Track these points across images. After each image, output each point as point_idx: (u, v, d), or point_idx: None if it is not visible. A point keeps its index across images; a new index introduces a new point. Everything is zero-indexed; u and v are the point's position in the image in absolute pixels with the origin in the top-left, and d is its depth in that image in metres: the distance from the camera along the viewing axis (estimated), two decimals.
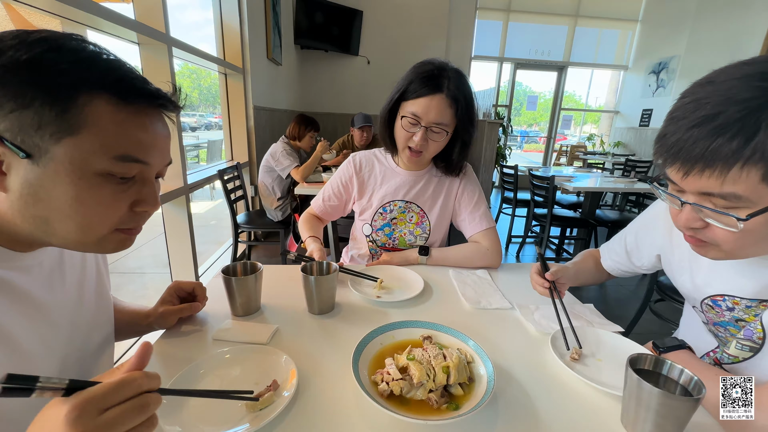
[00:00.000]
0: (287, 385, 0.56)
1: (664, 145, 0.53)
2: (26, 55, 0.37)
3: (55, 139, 0.39)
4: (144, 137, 0.45)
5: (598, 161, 5.58)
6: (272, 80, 3.55)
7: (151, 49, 1.80)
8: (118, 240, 0.48)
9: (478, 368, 0.60)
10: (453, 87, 0.94)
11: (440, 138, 0.98)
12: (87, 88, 0.40)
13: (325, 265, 0.84)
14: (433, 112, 0.94)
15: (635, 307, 2.03)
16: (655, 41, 6.02)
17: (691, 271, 0.74)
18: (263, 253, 3.18)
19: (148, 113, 0.45)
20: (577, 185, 2.92)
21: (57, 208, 0.42)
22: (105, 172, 0.42)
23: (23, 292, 0.48)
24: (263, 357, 0.63)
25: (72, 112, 0.39)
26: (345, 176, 1.17)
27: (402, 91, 0.98)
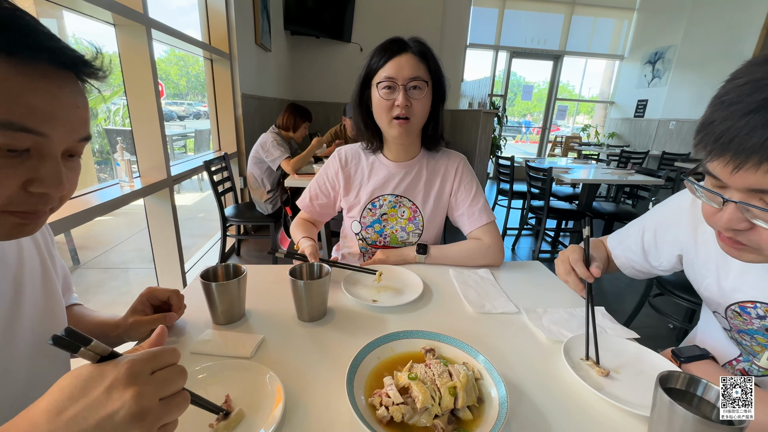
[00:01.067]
0: (273, 408, 0.49)
1: (711, 134, 0.45)
2: None
3: None
4: (40, 103, 0.36)
5: (592, 152, 5.55)
6: (261, 67, 3.41)
7: (129, 31, 1.67)
8: (10, 224, 0.39)
9: (487, 387, 0.54)
10: (415, 46, 0.93)
11: (421, 94, 0.93)
12: None
13: (317, 267, 0.77)
14: (406, 68, 0.91)
15: (633, 301, 2.01)
16: (652, 31, 5.97)
17: (717, 275, 0.68)
18: (253, 247, 3.09)
19: (47, 74, 0.36)
20: (574, 177, 2.87)
21: None
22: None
23: None
24: (245, 375, 0.56)
25: None
26: (331, 172, 1.10)
27: (367, 70, 0.96)
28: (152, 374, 0.34)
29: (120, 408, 0.31)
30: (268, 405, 0.50)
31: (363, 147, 1.09)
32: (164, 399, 0.34)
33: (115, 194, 1.54)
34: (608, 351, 0.66)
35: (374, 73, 0.94)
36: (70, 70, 0.38)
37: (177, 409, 0.35)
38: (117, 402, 0.31)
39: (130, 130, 1.81)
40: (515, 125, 11.22)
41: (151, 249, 1.99)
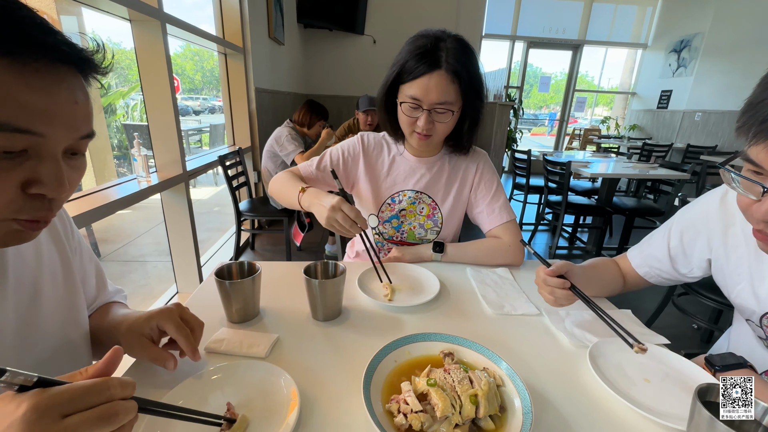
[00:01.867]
0: (288, 414, 0.48)
1: (757, 115, 0.42)
2: None
3: None
4: (34, 101, 0.34)
5: (612, 145, 5.38)
6: (274, 61, 3.40)
7: (144, 26, 1.68)
8: (11, 231, 0.38)
9: (510, 395, 0.51)
10: (452, 60, 0.83)
11: (446, 119, 0.88)
12: None
13: (332, 265, 0.75)
14: (434, 92, 0.84)
15: (655, 300, 1.94)
16: (677, 17, 5.70)
17: (751, 280, 0.64)
18: (267, 241, 3.11)
19: (41, 71, 0.34)
20: (593, 171, 2.78)
21: None
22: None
23: None
24: (260, 377, 0.54)
25: None
26: (351, 152, 1.05)
27: (397, 72, 0.88)
28: (63, 418, 0.29)
29: None
30: (282, 410, 0.49)
31: (387, 136, 1.06)
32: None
33: (133, 189, 1.56)
34: (637, 357, 0.63)
35: (403, 81, 0.88)
36: (68, 65, 0.36)
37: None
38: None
39: (147, 125, 1.83)
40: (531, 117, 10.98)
41: (168, 243, 2.02)
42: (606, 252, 3.12)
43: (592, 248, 3.13)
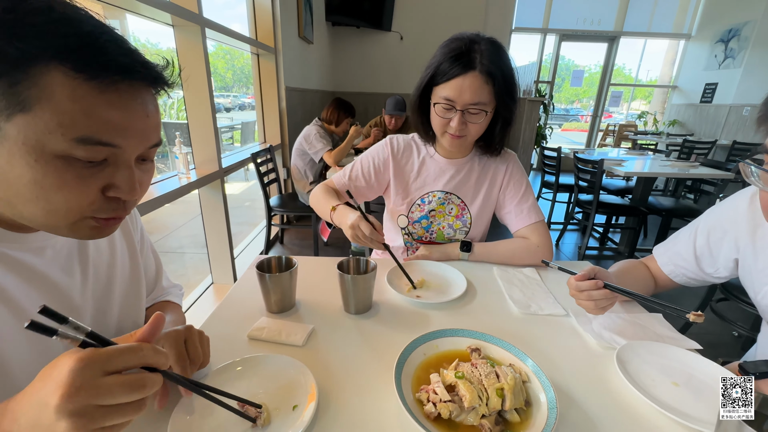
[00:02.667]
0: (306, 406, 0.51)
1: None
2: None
3: (6, 115, 0.35)
4: (113, 117, 0.38)
5: (650, 142, 5.12)
6: (303, 60, 3.48)
7: (185, 31, 1.77)
8: (90, 227, 0.42)
9: (535, 391, 0.53)
10: (486, 61, 0.84)
11: (479, 119, 0.89)
12: (41, 58, 0.34)
13: (363, 262, 0.79)
14: (468, 92, 0.85)
15: (691, 305, 1.86)
16: (726, 5, 5.32)
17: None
18: (295, 236, 3.21)
19: (118, 89, 0.38)
20: (628, 170, 2.68)
21: (17, 191, 0.38)
22: (66, 154, 0.37)
23: (38, 272, 0.46)
24: (282, 371, 0.57)
25: (23, 85, 0.34)
26: (379, 158, 1.07)
27: (431, 75, 0.90)
28: (104, 376, 0.32)
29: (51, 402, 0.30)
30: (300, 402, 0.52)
31: (416, 138, 1.08)
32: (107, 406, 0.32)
33: (175, 185, 1.67)
34: (667, 362, 0.63)
35: (437, 83, 0.90)
36: (142, 81, 0.41)
37: (121, 417, 0.33)
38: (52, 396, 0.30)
39: (185, 123, 1.94)
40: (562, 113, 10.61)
41: (204, 236, 2.13)
42: (639, 254, 3.00)
43: (624, 249, 3.02)
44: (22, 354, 0.43)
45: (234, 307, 0.77)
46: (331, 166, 2.53)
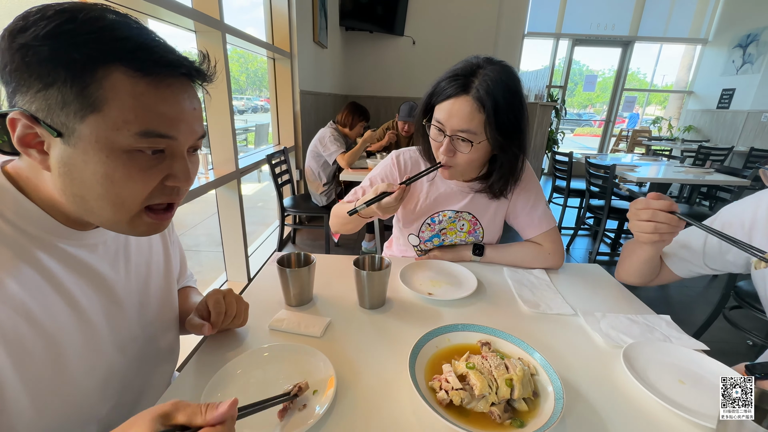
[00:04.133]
0: (325, 392, 0.54)
1: None
2: (44, 30, 0.36)
3: (80, 117, 0.39)
4: (167, 110, 0.42)
5: (664, 148, 5.06)
6: (318, 64, 3.55)
7: (207, 37, 1.84)
8: (148, 223, 0.47)
9: (543, 382, 0.56)
10: (482, 88, 0.76)
11: (466, 149, 0.81)
12: (104, 60, 0.38)
13: (378, 259, 0.83)
14: (456, 117, 0.79)
15: (704, 312, 1.85)
16: (745, 9, 5.24)
17: None
18: (307, 236, 3.26)
19: (170, 84, 0.42)
20: (641, 176, 2.66)
21: (90, 186, 0.42)
22: (131, 148, 0.41)
23: (91, 268, 0.50)
24: (303, 358, 0.61)
25: (92, 87, 0.38)
26: (388, 177, 1.03)
27: (431, 92, 0.85)
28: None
29: None
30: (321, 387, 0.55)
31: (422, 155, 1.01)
32: None
33: (194, 185, 1.73)
34: (674, 360, 0.65)
35: (434, 103, 0.85)
36: (187, 76, 0.45)
37: None
38: None
39: (204, 125, 2.01)
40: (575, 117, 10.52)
41: (220, 235, 2.20)
42: None
43: None
44: (75, 343, 0.47)
45: (254, 301, 0.81)
46: (343, 168, 2.58)
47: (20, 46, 0.37)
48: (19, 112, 0.39)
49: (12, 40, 0.37)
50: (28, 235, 0.44)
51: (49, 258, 0.45)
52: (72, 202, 0.44)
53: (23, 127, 0.39)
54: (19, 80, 0.38)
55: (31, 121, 0.39)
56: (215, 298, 0.66)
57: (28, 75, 0.38)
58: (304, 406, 0.52)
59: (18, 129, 0.40)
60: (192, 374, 0.60)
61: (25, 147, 0.41)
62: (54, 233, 0.46)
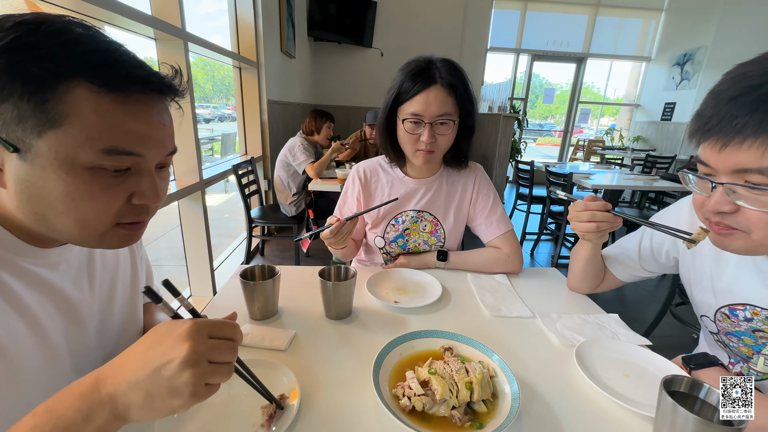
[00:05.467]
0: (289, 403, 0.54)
1: (701, 120, 0.52)
2: (1, 42, 0.35)
3: (37, 132, 0.37)
4: (135, 127, 0.41)
5: (616, 156, 5.43)
6: (285, 73, 3.53)
7: (167, 45, 1.79)
8: (120, 236, 0.46)
9: (501, 384, 0.58)
10: (445, 74, 0.90)
11: (447, 130, 0.94)
12: (66, 75, 0.37)
13: (344, 269, 0.83)
14: (434, 105, 0.90)
15: (655, 310, 1.98)
16: (681, 31, 5.78)
17: (711, 278, 0.71)
18: (276, 247, 3.20)
19: (137, 100, 0.41)
20: (596, 183, 2.84)
21: (51, 204, 0.40)
22: (94, 165, 0.39)
23: (53, 286, 0.48)
24: (266, 372, 0.60)
25: (51, 102, 0.37)
26: (354, 191, 1.10)
27: (395, 95, 0.94)
28: (209, 339, 0.38)
29: (177, 356, 0.35)
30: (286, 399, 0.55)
31: (383, 161, 1.11)
32: (213, 363, 0.38)
33: None
34: (620, 356, 0.70)
35: (401, 102, 0.93)
36: (156, 92, 0.43)
37: (221, 375, 0.39)
38: (176, 351, 0.36)
39: None
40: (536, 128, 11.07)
41: (183, 248, 2.11)
42: None
43: None
44: (35, 366, 0.44)
45: (217, 315, 0.78)
46: (312, 178, 2.57)
47: None
48: None
49: None
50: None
51: (10, 277, 0.43)
52: (32, 219, 0.42)
53: None
54: None
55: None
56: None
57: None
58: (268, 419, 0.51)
59: None
60: None
61: None
62: (14, 251, 0.44)
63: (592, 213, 0.76)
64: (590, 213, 0.76)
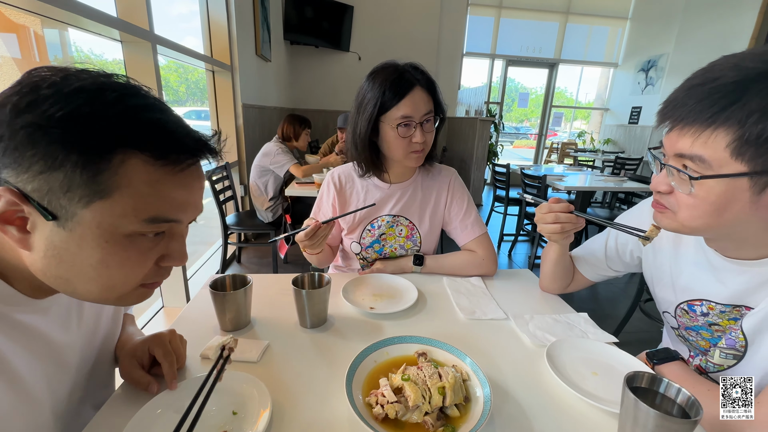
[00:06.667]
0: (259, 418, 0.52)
1: (664, 104, 0.56)
2: (60, 112, 0.34)
3: (84, 202, 0.36)
4: (179, 195, 0.41)
5: (588, 158, 5.63)
6: (261, 77, 3.48)
7: (135, 47, 1.74)
8: (138, 294, 0.45)
9: (474, 387, 0.59)
10: (420, 76, 0.95)
11: (432, 127, 0.98)
12: (122, 147, 0.36)
13: (317, 277, 0.82)
14: (421, 104, 0.93)
15: (626, 306, 2.06)
16: (645, 39, 6.08)
17: (671, 275, 0.75)
18: (254, 254, 3.13)
19: (184, 169, 0.41)
20: (568, 184, 2.94)
21: (80, 270, 0.39)
22: (134, 233, 0.39)
23: (40, 333, 0.46)
24: (236, 385, 0.58)
25: (105, 174, 0.36)
26: (329, 197, 1.10)
27: (378, 105, 0.93)
28: None
29: None
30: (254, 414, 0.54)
31: (355, 168, 1.09)
32: None
33: None
34: (588, 354, 0.72)
35: (387, 109, 0.93)
36: (200, 157, 0.43)
37: None
38: None
39: None
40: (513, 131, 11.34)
41: None
42: None
43: None
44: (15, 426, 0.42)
45: (187, 328, 0.76)
46: (298, 177, 2.61)
47: (27, 124, 0.33)
48: (6, 189, 0.35)
49: (16, 116, 0.34)
50: None
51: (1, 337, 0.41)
52: (53, 281, 0.40)
53: (6, 204, 0.35)
54: (17, 158, 0.34)
55: (20, 200, 0.35)
56: (163, 347, 0.60)
57: (31, 155, 0.34)
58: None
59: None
60: (110, 416, 0.54)
61: (2, 223, 0.36)
62: (8, 303, 0.42)
63: (556, 215, 0.79)
64: (554, 215, 0.79)
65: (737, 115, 0.47)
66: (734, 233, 0.58)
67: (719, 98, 0.48)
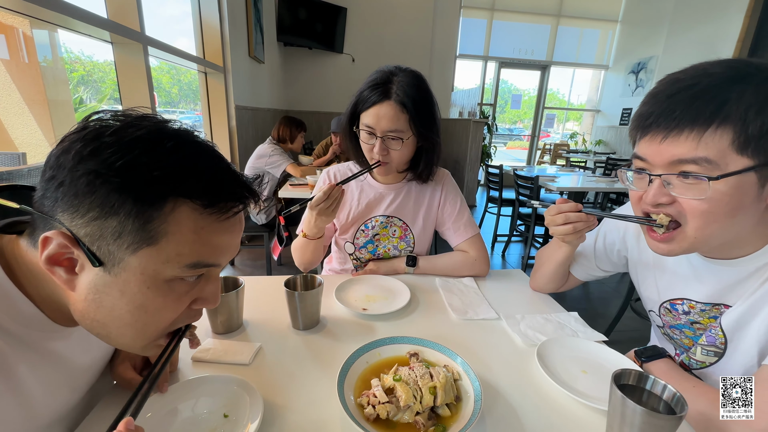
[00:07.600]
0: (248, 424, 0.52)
1: (641, 118, 0.56)
2: (120, 161, 0.34)
3: (133, 249, 0.36)
4: (221, 241, 0.41)
5: (580, 159, 5.69)
6: (254, 79, 3.47)
7: (125, 49, 1.73)
8: (157, 346, 0.45)
9: (465, 386, 0.59)
10: (401, 92, 0.90)
11: (398, 146, 0.94)
12: (174, 196, 0.37)
13: (309, 278, 0.82)
14: (384, 120, 0.90)
15: (617, 305, 2.08)
16: (634, 42, 6.17)
17: (655, 275, 0.76)
18: (247, 257, 3.12)
19: (231, 217, 0.41)
20: (560, 185, 2.96)
21: (118, 315, 0.39)
22: (174, 278, 0.40)
23: (65, 360, 0.47)
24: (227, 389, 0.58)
25: (155, 222, 0.36)
26: None
27: (355, 102, 0.96)
28: None
29: None
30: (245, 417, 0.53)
31: (353, 166, 1.11)
32: None
33: None
34: (578, 353, 0.73)
35: (360, 111, 0.95)
36: (246, 204, 0.43)
37: None
38: None
39: None
40: (506, 132, 11.42)
41: None
42: None
43: None
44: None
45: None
46: (296, 175, 2.64)
47: (88, 171, 0.34)
48: (58, 233, 0.35)
49: (78, 161, 0.34)
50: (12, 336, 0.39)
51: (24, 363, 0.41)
52: (89, 325, 0.41)
53: (58, 246, 0.35)
54: (75, 203, 0.34)
55: (72, 244, 0.35)
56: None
57: (89, 201, 0.34)
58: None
59: (50, 247, 0.35)
60: (99, 420, 0.54)
61: (51, 265, 0.36)
62: (41, 330, 0.42)
63: (565, 215, 0.77)
64: (564, 215, 0.77)
65: (735, 110, 0.48)
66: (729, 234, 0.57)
67: (710, 99, 0.50)
